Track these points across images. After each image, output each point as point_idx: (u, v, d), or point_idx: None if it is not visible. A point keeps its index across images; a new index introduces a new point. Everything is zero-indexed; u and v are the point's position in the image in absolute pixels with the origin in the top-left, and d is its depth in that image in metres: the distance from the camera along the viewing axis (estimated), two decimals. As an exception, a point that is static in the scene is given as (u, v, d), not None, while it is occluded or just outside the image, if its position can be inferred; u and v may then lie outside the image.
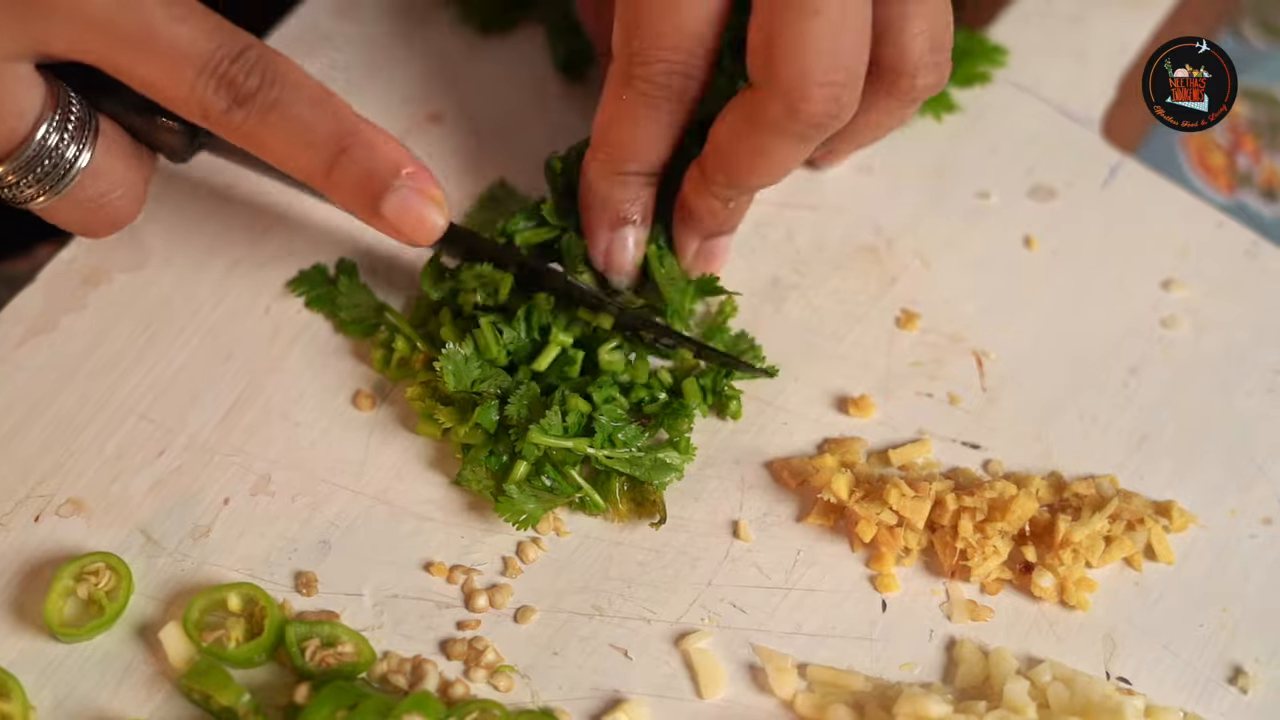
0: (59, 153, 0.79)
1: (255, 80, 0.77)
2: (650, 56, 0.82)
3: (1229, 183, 1.06)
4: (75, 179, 0.80)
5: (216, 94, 0.76)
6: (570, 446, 0.85)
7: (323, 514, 0.86)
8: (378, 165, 0.78)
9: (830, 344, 0.93)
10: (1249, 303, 0.96)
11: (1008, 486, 0.87)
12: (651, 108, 0.84)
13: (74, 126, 0.79)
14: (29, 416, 0.88)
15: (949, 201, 0.99)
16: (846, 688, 0.83)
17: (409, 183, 0.79)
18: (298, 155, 0.78)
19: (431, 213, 0.79)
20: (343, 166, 0.78)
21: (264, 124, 0.77)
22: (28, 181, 0.79)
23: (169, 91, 0.77)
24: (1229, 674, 0.85)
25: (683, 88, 0.83)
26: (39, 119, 0.78)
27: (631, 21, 0.82)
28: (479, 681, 0.82)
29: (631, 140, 0.86)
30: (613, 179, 0.87)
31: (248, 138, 0.78)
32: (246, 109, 0.77)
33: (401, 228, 0.79)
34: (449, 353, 0.85)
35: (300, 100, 0.78)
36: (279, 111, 0.77)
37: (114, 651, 0.82)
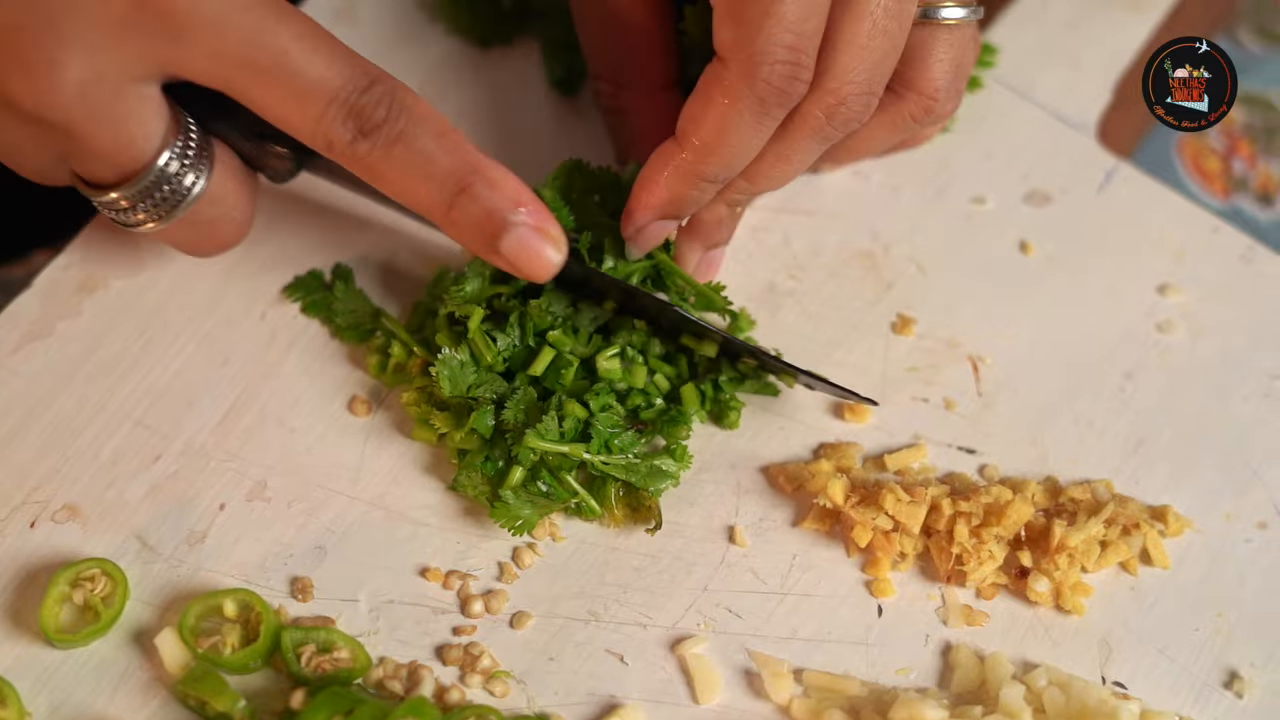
0: (178, 180, 0.80)
1: (382, 113, 0.77)
2: (774, 55, 0.79)
3: (1225, 187, 1.06)
4: (190, 206, 0.81)
5: (344, 126, 0.76)
6: (566, 452, 0.85)
7: (318, 519, 0.86)
8: (497, 204, 0.78)
9: (827, 349, 0.93)
10: (1245, 307, 0.97)
11: (1003, 491, 0.87)
12: (763, 111, 0.81)
13: (193, 154, 0.80)
14: (25, 422, 0.88)
15: (945, 207, 0.99)
16: (842, 693, 0.83)
17: (527, 220, 0.78)
18: (418, 189, 0.78)
19: (548, 251, 0.79)
20: (463, 205, 0.78)
21: (388, 157, 0.77)
22: (143, 207, 0.80)
23: (297, 121, 0.77)
24: (1224, 678, 0.85)
25: (798, 92, 0.81)
26: (162, 145, 0.78)
27: (749, 16, 0.79)
28: (475, 687, 0.82)
29: (731, 145, 0.83)
30: (690, 183, 0.85)
31: (370, 170, 0.78)
32: (372, 141, 0.77)
33: (519, 265, 0.79)
34: (444, 358, 0.85)
35: (425, 134, 0.77)
36: (403, 145, 0.77)
37: (110, 658, 0.82)
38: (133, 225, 0.82)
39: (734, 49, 0.80)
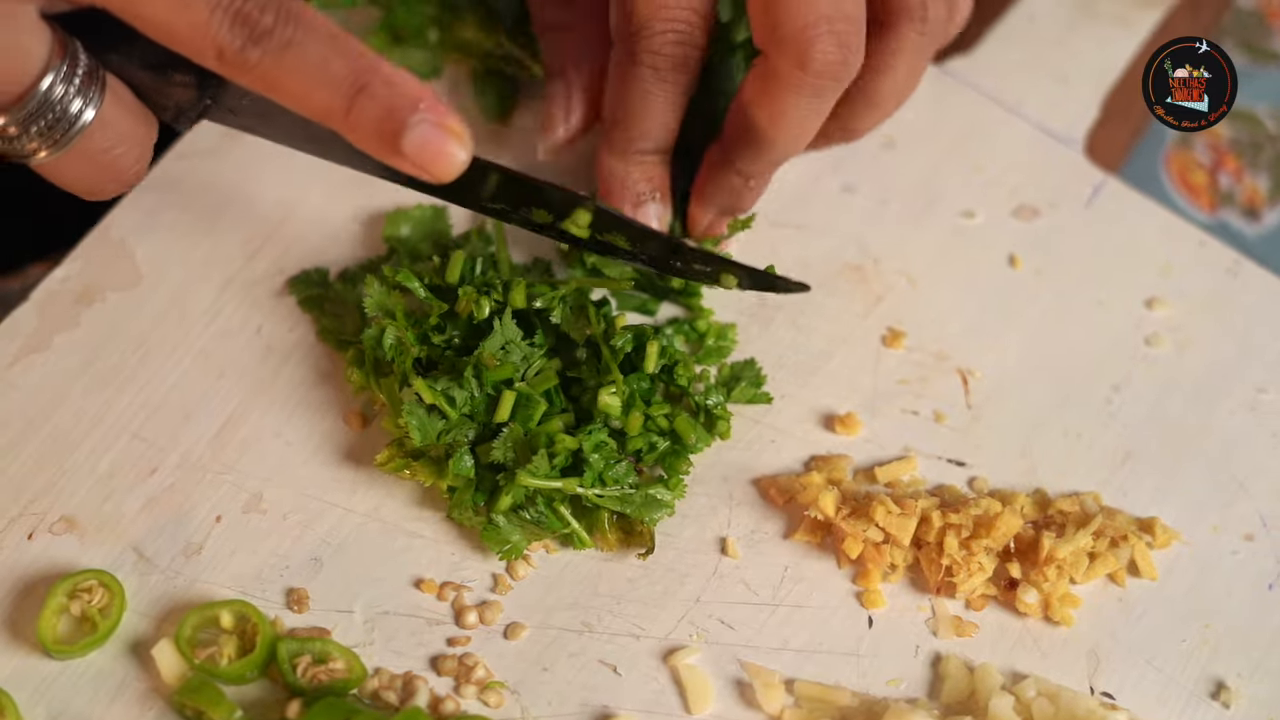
0: (64, 105, 0.77)
1: (270, 18, 0.74)
2: (654, 29, 0.85)
3: (1211, 202, 1.07)
4: (81, 133, 0.78)
5: (231, 31, 0.74)
6: (560, 487, 0.85)
7: (314, 531, 0.86)
8: (397, 101, 0.76)
9: (817, 362, 0.94)
10: (1231, 321, 0.97)
11: (993, 503, 0.87)
12: (659, 80, 0.86)
13: (81, 79, 0.77)
14: (22, 435, 0.88)
15: (934, 221, 1.00)
16: (833, 703, 0.83)
17: (428, 116, 0.76)
18: (315, 94, 0.76)
19: (452, 146, 0.76)
20: (361, 104, 0.75)
21: (280, 63, 0.74)
22: (31, 135, 0.78)
23: (183, 32, 0.74)
24: (1212, 689, 0.86)
25: (687, 56, 0.86)
26: (45, 68, 0.76)
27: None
28: (469, 698, 0.82)
29: (643, 116, 0.88)
30: (629, 158, 0.89)
31: (263, 78, 0.75)
32: (262, 47, 0.74)
33: (423, 163, 0.76)
34: (410, 408, 0.85)
35: (316, 38, 0.75)
36: (295, 50, 0.75)
37: (107, 668, 0.82)
38: (26, 156, 0.79)
39: (619, 31, 0.87)
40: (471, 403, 0.86)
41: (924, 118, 0.95)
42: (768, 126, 0.86)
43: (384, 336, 0.87)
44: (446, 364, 0.87)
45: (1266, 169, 1.10)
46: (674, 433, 0.88)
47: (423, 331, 0.88)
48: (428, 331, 0.88)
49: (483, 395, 0.86)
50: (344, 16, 1.02)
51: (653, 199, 0.90)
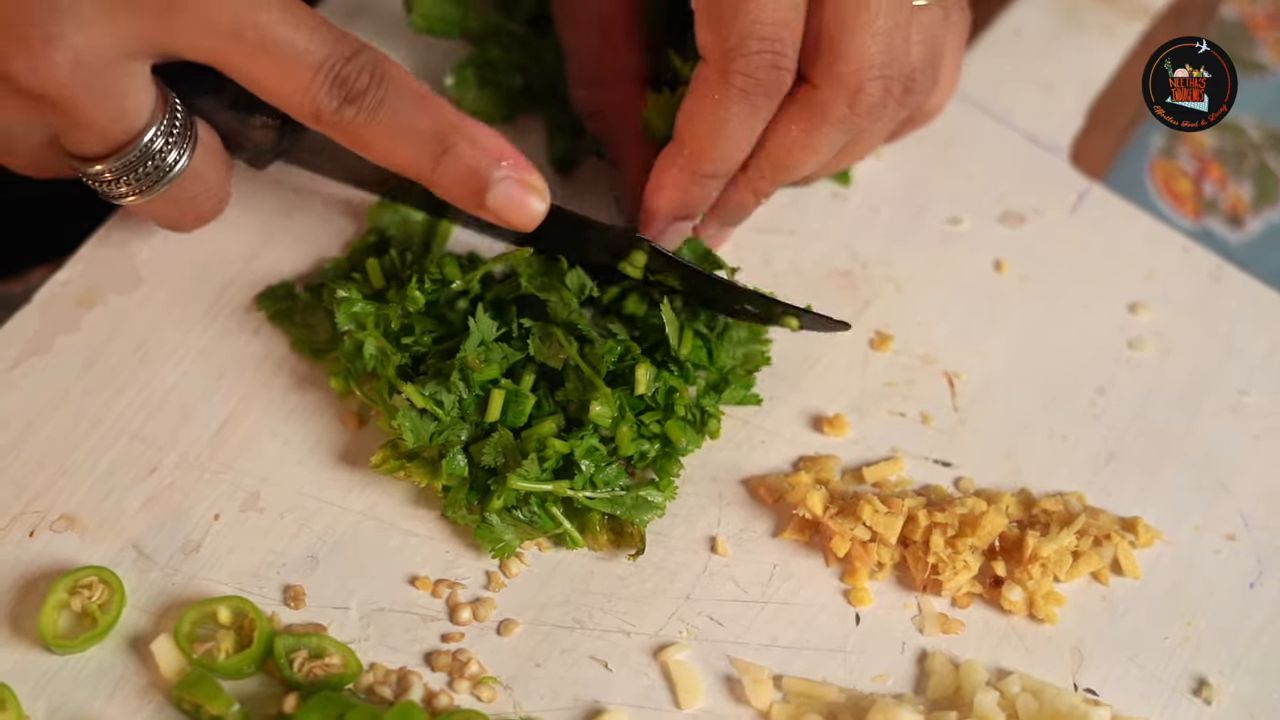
0: (161, 157, 0.81)
1: (365, 80, 0.79)
2: (750, 48, 0.82)
3: (1195, 209, 1.08)
4: (170, 183, 0.82)
5: (330, 94, 0.79)
6: (550, 490, 0.86)
7: (311, 529, 0.87)
8: (480, 160, 0.81)
9: (806, 365, 0.94)
10: (1214, 325, 0.98)
11: (978, 503, 0.88)
12: (747, 104, 0.84)
13: (178, 131, 0.81)
14: (24, 435, 0.89)
15: (922, 227, 1.01)
16: (821, 699, 0.84)
17: (510, 173, 0.81)
18: (403, 152, 0.81)
19: (532, 200, 0.82)
20: (447, 164, 0.81)
21: (373, 122, 0.79)
22: (125, 181, 0.81)
23: (285, 91, 0.79)
24: (1193, 685, 0.87)
25: (780, 81, 0.84)
26: (150, 121, 0.80)
27: (724, 15, 0.82)
28: (463, 693, 0.83)
29: (723, 140, 0.86)
30: (693, 181, 0.88)
31: (356, 136, 0.80)
32: (357, 107, 0.79)
33: (506, 217, 0.82)
34: (404, 411, 0.86)
35: (406, 99, 0.80)
36: (388, 110, 0.79)
37: (107, 663, 0.83)
38: (115, 197, 0.83)
39: (712, 47, 0.83)
40: (461, 405, 0.87)
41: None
42: (800, 155, 0.87)
43: (364, 347, 0.88)
44: (433, 366, 0.88)
45: (1250, 177, 1.11)
46: (665, 436, 0.89)
47: (395, 336, 0.89)
48: (398, 336, 0.89)
49: (471, 396, 0.87)
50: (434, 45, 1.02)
51: (690, 218, 0.91)
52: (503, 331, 0.88)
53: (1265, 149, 1.12)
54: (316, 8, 0.89)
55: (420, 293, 0.89)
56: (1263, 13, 1.17)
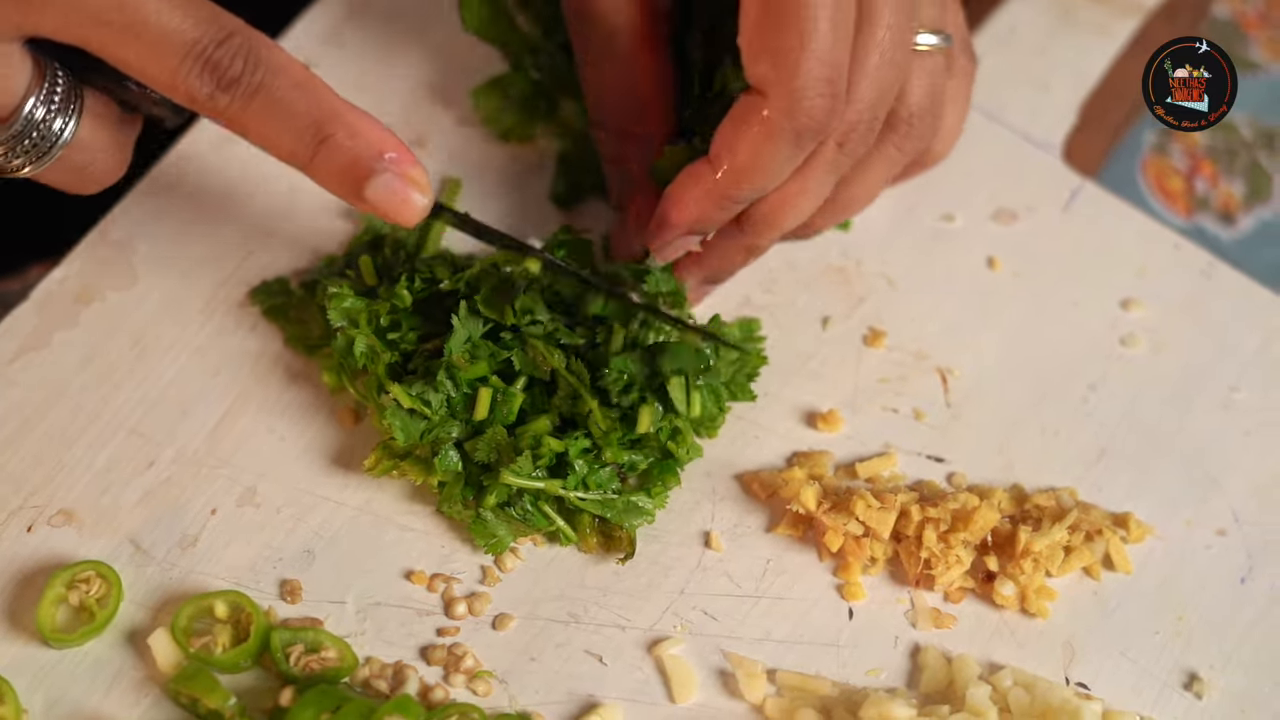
0: (46, 125, 0.79)
1: (239, 65, 0.77)
2: (817, 90, 0.80)
3: (1188, 207, 1.09)
4: (61, 150, 0.81)
5: (201, 79, 0.76)
6: (543, 488, 0.86)
7: (307, 524, 0.88)
8: (360, 151, 0.78)
9: (800, 361, 0.95)
10: (1205, 322, 0.99)
11: (970, 498, 0.89)
12: (799, 144, 0.82)
13: (60, 100, 0.80)
14: (22, 430, 0.89)
15: (915, 224, 1.01)
16: (814, 692, 0.85)
17: (391, 166, 0.79)
18: (281, 140, 0.78)
19: (414, 195, 0.79)
20: (325, 153, 0.78)
21: (247, 109, 0.77)
22: (15, 153, 0.80)
23: (154, 76, 0.77)
24: (1184, 680, 0.87)
25: (834, 126, 0.82)
26: (26, 93, 0.78)
27: (790, 51, 0.80)
28: (458, 686, 0.84)
29: (764, 173, 0.84)
30: (720, 204, 0.86)
31: (231, 122, 0.78)
32: (231, 94, 0.77)
33: (387, 211, 0.79)
34: (392, 410, 0.86)
35: (284, 85, 0.77)
36: (263, 96, 0.77)
37: (104, 657, 0.83)
38: (12, 171, 0.81)
39: (774, 84, 0.80)
40: (450, 403, 0.87)
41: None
42: (797, 196, 0.87)
43: (354, 345, 0.88)
44: (420, 364, 0.88)
45: (1242, 175, 1.11)
46: (666, 449, 0.89)
47: (384, 333, 0.89)
48: (385, 333, 0.89)
49: (460, 394, 0.88)
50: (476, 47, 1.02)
51: (700, 235, 0.89)
52: (489, 328, 0.88)
53: (1257, 147, 1.12)
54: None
55: (408, 291, 0.89)
56: (1254, 11, 1.17)
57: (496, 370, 0.88)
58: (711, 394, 0.91)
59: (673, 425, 0.89)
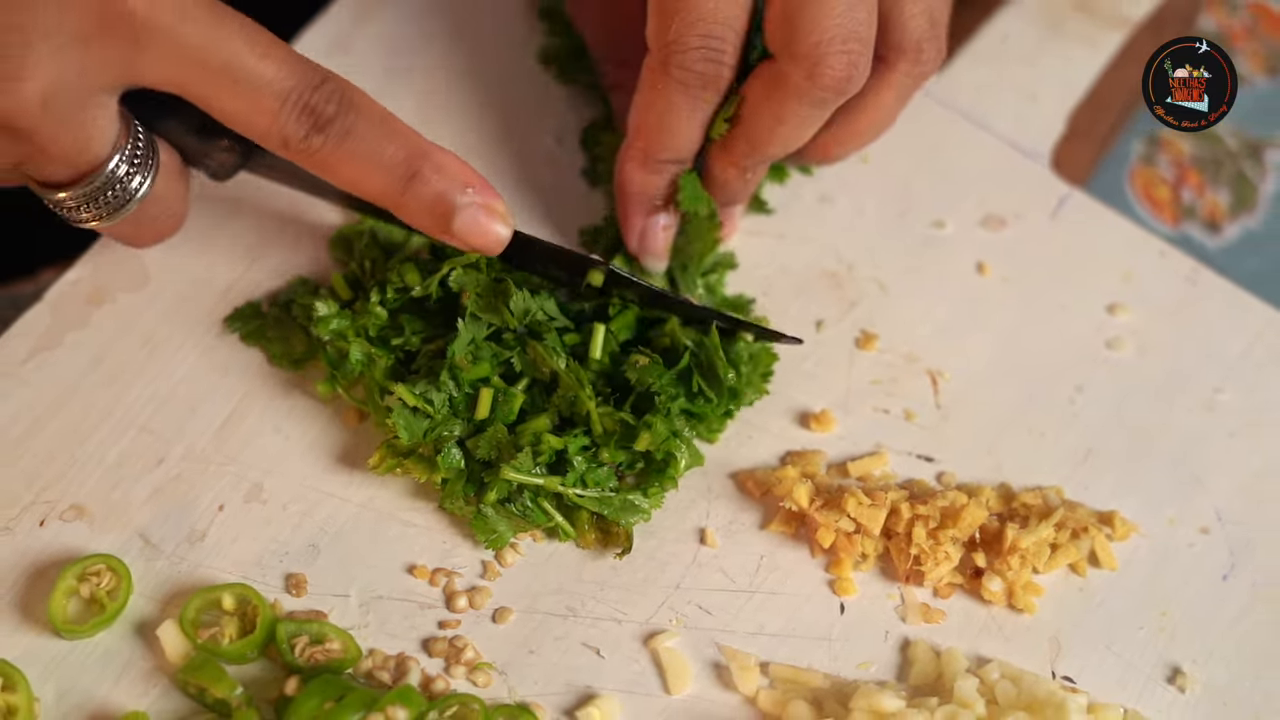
0: (124, 184, 0.82)
1: (333, 109, 0.80)
2: (687, 44, 0.85)
3: (1174, 215, 1.11)
4: (134, 207, 0.83)
5: (298, 123, 0.79)
6: (542, 484, 0.88)
7: (312, 520, 0.89)
8: (446, 187, 0.82)
9: (794, 363, 0.96)
10: (1189, 326, 1.00)
11: (959, 496, 0.90)
12: (688, 95, 0.87)
13: (140, 157, 0.82)
14: (35, 427, 0.90)
15: (906, 230, 1.02)
16: (806, 685, 0.86)
17: (475, 199, 0.83)
18: (371, 179, 0.82)
19: (496, 226, 0.84)
20: (414, 190, 0.82)
21: (340, 150, 0.80)
22: (89, 207, 0.82)
23: (252, 120, 0.79)
24: (1168, 674, 0.88)
25: (717, 74, 0.87)
26: (114, 150, 0.81)
27: (667, 9, 0.85)
28: (459, 678, 0.85)
29: (669, 129, 0.89)
30: (648, 167, 0.91)
31: (323, 164, 0.81)
32: (325, 135, 0.80)
33: (471, 242, 0.83)
34: (397, 409, 0.88)
35: (374, 127, 0.81)
36: (355, 138, 0.80)
37: (114, 648, 0.85)
38: (78, 222, 0.84)
39: (654, 40, 0.86)
40: (452, 402, 0.89)
41: (898, 132, 0.97)
42: (768, 128, 0.88)
43: (349, 354, 0.90)
44: (424, 364, 0.90)
45: (1227, 184, 1.13)
46: (669, 456, 0.90)
47: (383, 339, 0.91)
48: (385, 339, 0.91)
49: (462, 394, 0.89)
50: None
51: (664, 209, 0.93)
52: (493, 330, 0.90)
53: (1242, 157, 1.14)
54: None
55: (382, 307, 0.91)
56: (1241, 24, 1.19)
57: (498, 371, 0.90)
58: (729, 392, 0.92)
59: (673, 431, 0.90)
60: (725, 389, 0.91)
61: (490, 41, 1.07)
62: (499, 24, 1.08)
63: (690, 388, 0.91)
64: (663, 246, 0.94)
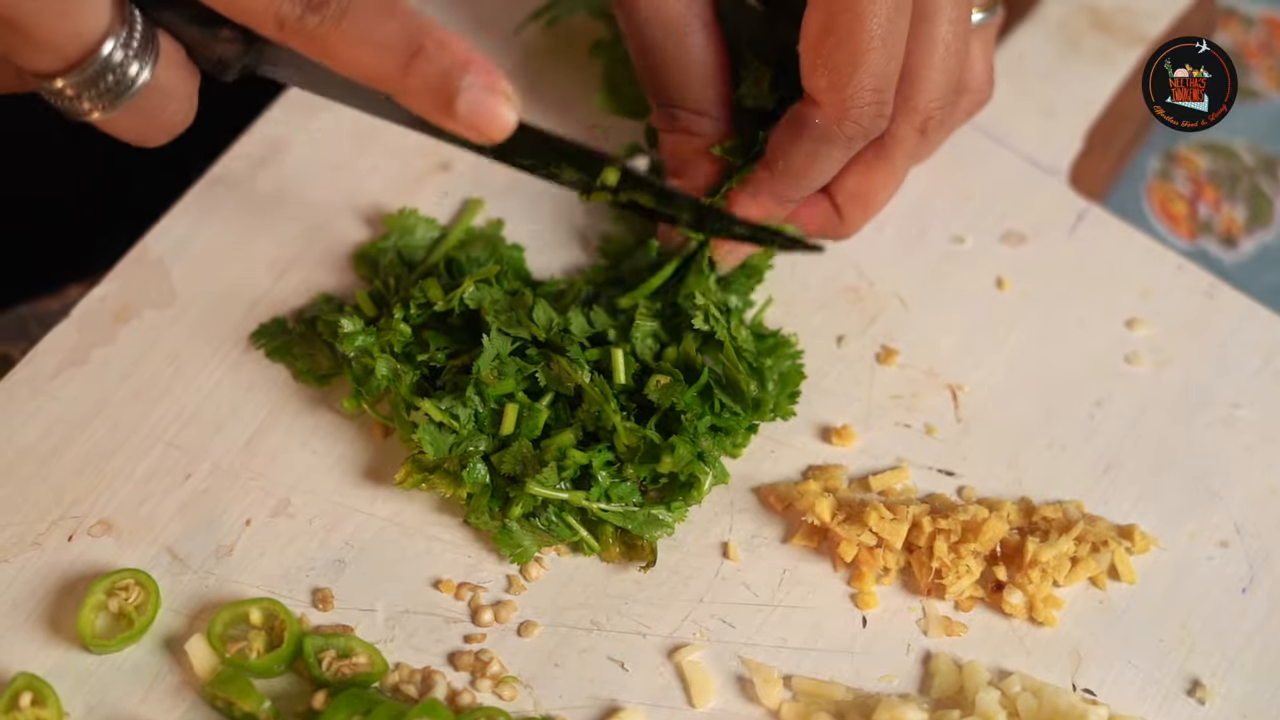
0: (122, 70, 0.79)
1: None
2: (863, 100, 0.87)
3: (1191, 230, 1.11)
4: (136, 93, 0.80)
5: (292, 2, 0.76)
6: (566, 499, 0.88)
7: (338, 535, 0.90)
8: (449, 65, 0.78)
9: (815, 378, 0.96)
10: (1207, 341, 1.00)
11: (980, 510, 0.90)
12: (850, 148, 0.90)
13: (138, 43, 0.79)
14: (63, 443, 0.91)
15: (926, 245, 1.03)
16: (829, 698, 0.86)
17: (479, 80, 0.78)
18: (371, 59, 0.78)
19: (503, 109, 0.79)
20: (416, 68, 0.77)
21: (338, 29, 0.77)
22: (88, 96, 0.79)
23: (247, 4, 0.77)
24: (1188, 686, 0.89)
25: (881, 129, 0.90)
26: (105, 34, 0.78)
27: (842, 67, 0.87)
28: (485, 691, 0.85)
29: (821, 174, 0.92)
30: (779, 203, 0.93)
31: (321, 45, 0.77)
32: (320, 14, 0.76)
33: (475, 125, 0.78)
34: (423, 425, 0.88)
35: (371, 4, 0.77)
36: (351, 16, 0.77)
37: (142, 662, 0.85)
38: (79, 114, 0.80)
39: (827, 94, 0.88)
40: (477, 418, 0.90)
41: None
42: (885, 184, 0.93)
43: (375, 369, 0.90)
44: (449, 380, 0.91)
45: (1243, 200, 1.14)
46: (692, 477, 0.91)
47: (409, 355, 0.91)
48: (412, 354, 0.91)
49: (487, 410, 0.90)
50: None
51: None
52: (518, 345, 0.91)
53: (1258, 172, 1.15)
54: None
55: (406, 323, 0.91)
56: (1256, 40, 1.20)
57: (522, 386, 0.90)
58: (753, 404, 0.93)
59: (698, 454, 0.91)
60: (749, 400, 0.91)
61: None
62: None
63: (714, 405, 0.91)
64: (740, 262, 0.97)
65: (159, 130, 0.83)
